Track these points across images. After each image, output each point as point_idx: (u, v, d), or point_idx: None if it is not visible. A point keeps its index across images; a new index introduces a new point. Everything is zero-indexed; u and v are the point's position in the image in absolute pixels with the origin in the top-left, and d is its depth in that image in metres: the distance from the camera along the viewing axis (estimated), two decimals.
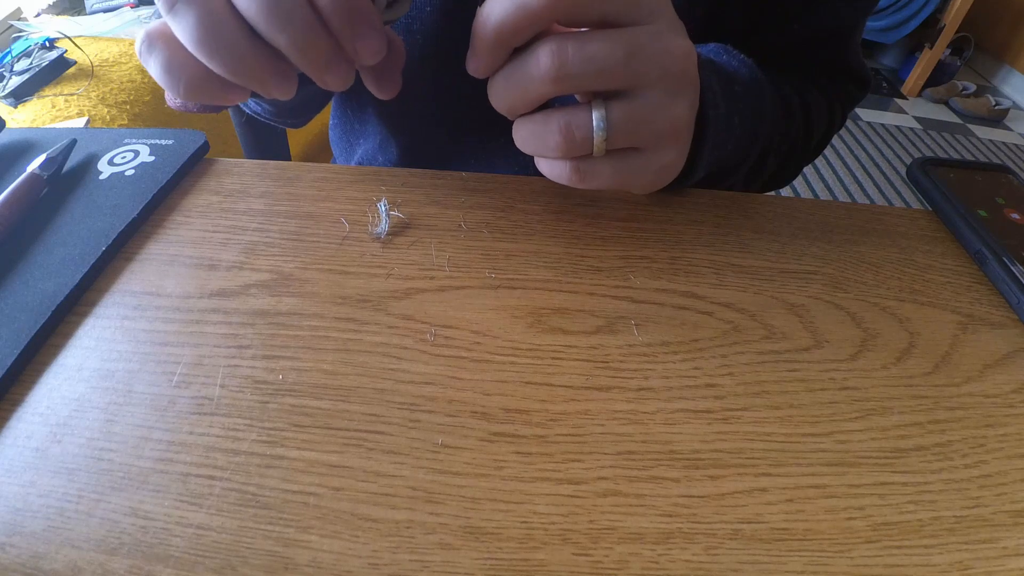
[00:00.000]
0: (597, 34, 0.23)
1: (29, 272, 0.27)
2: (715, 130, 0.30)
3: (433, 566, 0.19)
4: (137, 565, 0.19)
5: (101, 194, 0.31)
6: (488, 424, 0.23)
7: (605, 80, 0.24)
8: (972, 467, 0.23)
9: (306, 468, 0.21)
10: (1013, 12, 2.55)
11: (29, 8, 1.31)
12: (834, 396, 0.25)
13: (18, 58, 1.05)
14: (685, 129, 0.27)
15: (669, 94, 0.25)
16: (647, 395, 0.24)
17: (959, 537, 0.21)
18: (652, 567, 0.20)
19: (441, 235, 0.31)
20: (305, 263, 0.29)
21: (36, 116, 0.98)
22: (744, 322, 0.28)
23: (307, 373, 0.24)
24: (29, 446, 0.22)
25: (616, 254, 0.30)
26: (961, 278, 0.31)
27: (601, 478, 0.22)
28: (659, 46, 0.24)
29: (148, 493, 0.20)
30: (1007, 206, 0.34)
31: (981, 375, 0.26)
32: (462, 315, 0.27)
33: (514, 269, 0.29)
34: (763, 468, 0.22)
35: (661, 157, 0.27)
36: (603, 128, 0.24)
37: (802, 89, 0.42)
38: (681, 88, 0.25)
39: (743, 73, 0.32)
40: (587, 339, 0.26)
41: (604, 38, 0.23)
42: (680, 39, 0.25)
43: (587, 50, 0.23)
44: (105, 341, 0.25)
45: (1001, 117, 2.35)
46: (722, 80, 0.30)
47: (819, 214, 0.34)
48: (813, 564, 0.20)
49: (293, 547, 0.19)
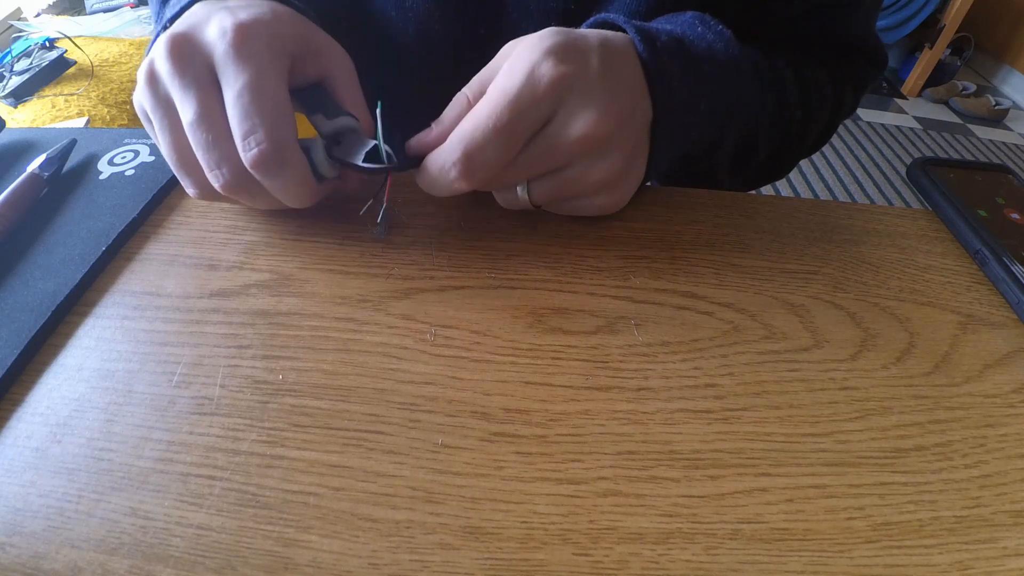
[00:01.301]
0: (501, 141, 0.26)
1: (29, 272, 0.27)
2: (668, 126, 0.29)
3: (433, 566, 0.19)
4: (137, 565, 0.19)
5: (101, 194, 0.31)
6: (488, 424, 0.23)
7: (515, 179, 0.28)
8: (972, 467, 0.23)
9: (306, 468, 0.21)
10: (1013, 12, 2.55)
11: (29, 8, 1.31)
12: (834, 396, 0.25)
13: (18, 58, 1.05)
14: (614, 179, 0.28)
15: (589, 163, 0.27)
16: (647, 395, 0.24)
17: (959, 537, 0.21)
18: (652, 567, 0.20)
19: (441, 235, 0.31)
20: (305, 263, 0.29)
21: (36, 116, 0.98)
22: (744, 322, 0.28)
23: (307, 373, 0.24)
24: (29, 446, 0.22)
25: (616, 254, 0.30)
26: (961, 278, 0.31)
27: (601, 478, 0.22)
28: (564, 136, 0.26)
29: (148, 493, 0.20)
30: (1007, 206, 0.34)
31: (981, 375, 0.26)
32: (462, 315, 0.27)
33: (514, 269, 0.29)
34: (763, 468, 0.22)
35: (597, 201, 0.30)
36: (527, 200, 0.29)
37: (804, 67, 0.39)
38: (604, 150, 0.27)
39: (717, 48, 0.30)
40: (587, 339, 0.26)
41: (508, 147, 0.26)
42: (590, 111, 0.26)
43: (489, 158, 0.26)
44: (105, 341, 0.25)
45: (1001, 117, 2.35)
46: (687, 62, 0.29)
47: (819, 214, 0.34)
48: (813, 564, 0.20)
49: (293, 547, 0.19)
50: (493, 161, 0.26)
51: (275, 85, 0.25)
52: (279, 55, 0.26)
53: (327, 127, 0.28)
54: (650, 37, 0.28)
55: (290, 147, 0.25)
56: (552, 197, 0.29)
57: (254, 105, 0.24)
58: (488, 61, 0.37)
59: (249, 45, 0.25)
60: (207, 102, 0.25)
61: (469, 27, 0.39)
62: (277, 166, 0.25)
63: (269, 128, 0.24)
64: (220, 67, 0.25)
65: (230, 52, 0.25)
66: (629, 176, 0.30)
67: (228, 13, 0.26)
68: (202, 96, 0.25)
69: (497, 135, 0.25)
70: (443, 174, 0.26)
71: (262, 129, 0.24)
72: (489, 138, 0.25)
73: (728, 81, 0.31)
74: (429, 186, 0.27)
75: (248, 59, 0.25)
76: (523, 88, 0.25)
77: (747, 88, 0.33)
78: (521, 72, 0.25)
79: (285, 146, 0.25)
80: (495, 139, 0.25)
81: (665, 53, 0.28)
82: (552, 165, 0.27)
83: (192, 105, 0.25)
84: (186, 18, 0.27)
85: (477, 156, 0.25)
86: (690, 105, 0.29)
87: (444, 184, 0.26)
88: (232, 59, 0.25)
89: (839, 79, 0.42)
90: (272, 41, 0.26)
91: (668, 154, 0.31)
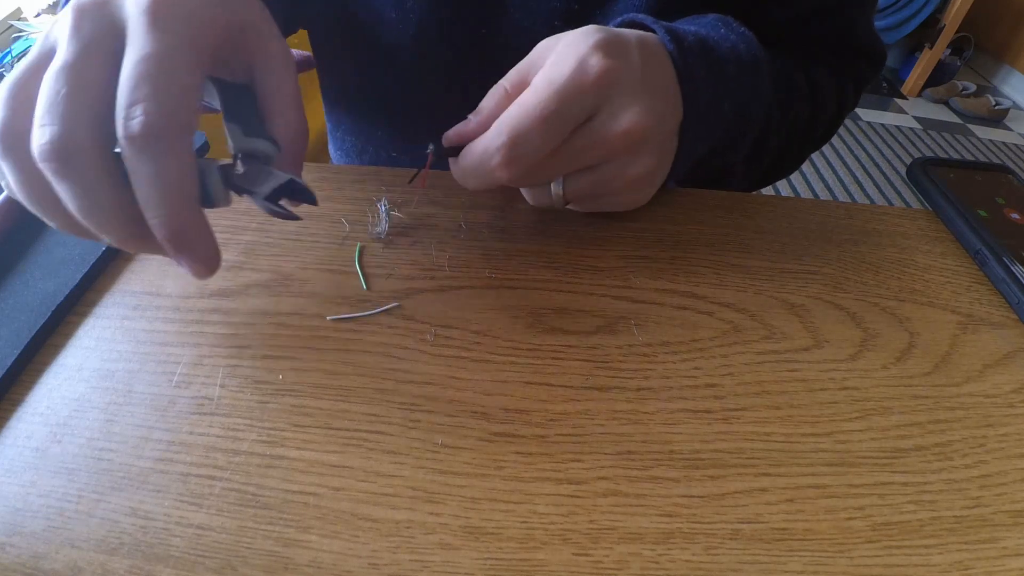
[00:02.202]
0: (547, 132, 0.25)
1: (29, 272, 0.27)
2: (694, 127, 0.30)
3: (433, 566, 0.19)
4: (137, 565, 0.19)
5: None
6: (488, 424, 0.23)
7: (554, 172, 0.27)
8: (972, 467, 0.23)
9: (306, 468, 0.21)
10: (1013, 12, 2.55)
11: (29, 8, 1.31)
12: (834, 396, 0.25)
13: (18, 58, 1.05)
14: (648, 176, 0.29)
15: (627, 160, 0.28)
16: (647, 395, 0.24)
17: (959, 537, 0.21)
18: (652, 567, 0.20)
19: (441, 235, 0.31)
20: (305, 263, 0.29)
21: None
22: (744, 322, 0.28)
23: (307, 373, 0.24)
24: (29, 446, 0.22)
25: (616, 254, 0.30)
26: (961, 278, 0.31)
27: (601, 478, 0.22)
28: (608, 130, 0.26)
29: (148, 493, 0.20)
30: (1007, 206, 0.34)
31: (981, 375, 0.26)
32: (462, 315, 0.27)
33: (514, 269, 0.29)
34: (763, 468, 0.22)
35: (625, 198, 0.30)
36: (560, 196, 0.29)
37: (807, 66, 0.40)
38: (642, 147, 0.27)
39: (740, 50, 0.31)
40: (587, 339, 0.26)
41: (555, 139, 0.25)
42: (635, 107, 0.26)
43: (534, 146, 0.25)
44: (105, 341, 0.25)
45: (1001, 117, 2.35)
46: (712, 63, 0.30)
47: (819, 214, 0.34)
48: (813, 564, 0.20)
49: (293, 547, 0.19)
50: (537, 149, 0.25)
51: (186, 65, 0.21)
52: (202, 34, 0.22)
53: (240, 143, 0.24)
54: (678, 38, 0.28)
55: (183, 129, 0.20)
56: (586, 194, 0.29)
57: (154, 76, 0.20)
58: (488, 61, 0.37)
59: (167, 17, 0.21)
60: (88, 57, 0.20)
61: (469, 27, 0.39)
62: (160, 143, 0.19)
63: (164, 101, 0.20)
64: (129, 33, 0.21)
65: (142, 19, 0.21)
66: (658, 175, 0.30)
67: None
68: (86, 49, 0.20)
69: (544, 123, 0.24)
70: (485, 160, 0.25)
71: (154, 101, 0.19)
72: (536, 125, 0.24)
73: (749, 82, 0.31)
74: (467, 174, 0.27)
75: (162, 31, 0.21)
76: (572, 78, 0.25)
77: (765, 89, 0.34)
78: (569, 64, 0.25)
79: (178, 126, 0.20)
80: (541, 127, 0.25)
81: (691, 54, 0.29)
82: (591, 160, 0.27)
83: (68, 53, 0.20)
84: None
85: (522, 143, 0.25)
86: (714, 106, 0.30)
87: (484, 172, 0.26)
88: (143, 26, 0.21)
89: (841, 78, 0.42)
90: (195, 17, 0.22)
91: (692, 155, 0.31)
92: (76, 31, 0.21)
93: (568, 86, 0.25)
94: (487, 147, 0.25)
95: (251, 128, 0.24)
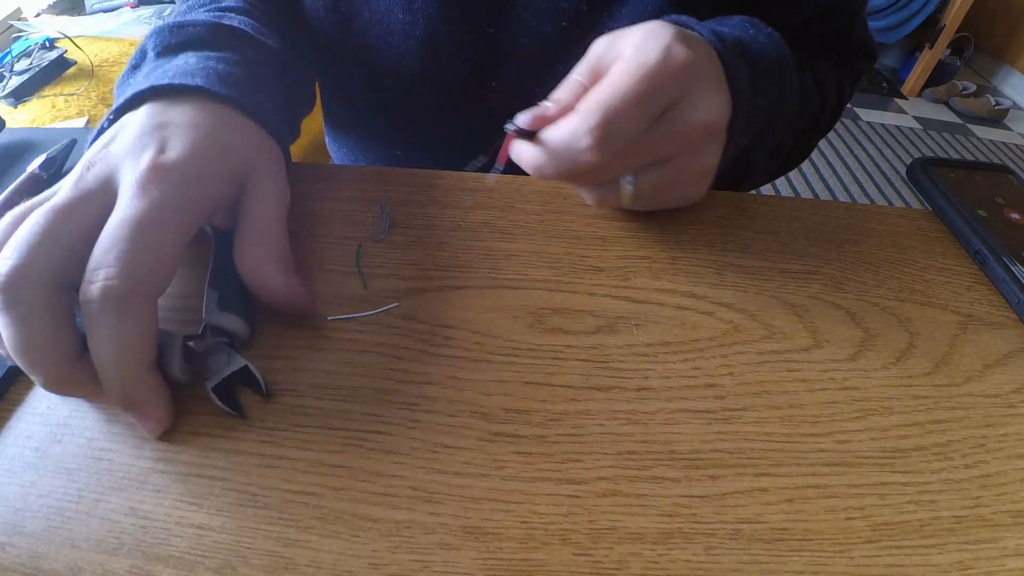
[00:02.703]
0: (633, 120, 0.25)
1: None
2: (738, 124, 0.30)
3: (433, 566, 0.19)
4: (137, 565, 0.19)
5: None
6: (488, 424, 0.23)
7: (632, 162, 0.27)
8: (972, 467, 0.23)
9: (306, 468, 0.21)
10: (1013, 12, 2.55)
11: (29, 8, 1.31)
12: (834, 396, 0.25)
13: (18, 58, 1.05)
14: (712, 170, 0.30)
15: (699, 152, 0.28)
16: (647, 395, 0.24)
17: (959, 537, 0.21)
18: (652, 567, 0.20)
19: (441, 235, 0.31)
20: (305, 263, 0.29)
21: (36, 116, 0.98)
22: (744, 322, 0.28)
23: (307, 373, 0.24)
24: (29, 446, 0.22)
25: (616, 254, 0.30)
26: (961, 278, 0.31)
27: (601, 478, 0.22)
28: (691, 120, 0.26)
29: (148, 493, 0.20)
30: (1007, 206, 0.34)
31: (981, 375, 0.26)
32: (462, 315, 0.27)
33: (514, 269, 0.29)
34: (763, 468, 0.22)
35: (687, 192, 0.31)
36: (630, 192, 0.28)
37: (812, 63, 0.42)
38: (710, 143, 0.28)
39: (770, 50, 0.32)
40: (587, 339, 0.26)
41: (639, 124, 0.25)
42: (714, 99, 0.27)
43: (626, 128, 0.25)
44: None
45: (1001, 117, 2.35)
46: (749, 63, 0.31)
47: (819, 214, 0.34)
48: (813, 564, 0.20)
49: (293, 547, 0.19)
50: (629, 132, 0.25)
51: (172, 227, 0.21)
52: (199, 192, 0.23)
53: (210, 314, 0.23)
54: (720, 37, 0.29)
55: (146, 297, 0.20)
56: (656, 187, 0.29)
57: (128, 241, 0.20)
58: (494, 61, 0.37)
59: (163, 179, 0.22)
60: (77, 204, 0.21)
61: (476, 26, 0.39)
62: (118, 309, 0.19)
63: (132, 269, 0.20)
64: (120, 191, 0.22)
65: (137, 179, 0.22)
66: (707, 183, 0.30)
67: (155, 143, 0.23)
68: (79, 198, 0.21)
69: (636, 104, 0.24)
70: (573, 143, 0.25)
71: (121, 267, 0.20)
72: (629, 106, 0.24)
73: (778, 81, 0.32)
74: (549, 159, 0.26)
75: (153, 193, 0.21)
76: (660, 63, 0.25)
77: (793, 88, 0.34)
78: (656, 50, 0.25)
79: (141, 294, 0.20)
80: (634, 108, 0.24)
81: (732, 54, 0.29)
82: (671, 150, 0.27)
83: (60, 197, 0.21)
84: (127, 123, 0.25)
85: (615, 124, 0.24)
86: (753, 103, 0.30)
87: (571, 155, 0.25)
88: (134, 187, 0.21)
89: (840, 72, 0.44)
90: (192, 176, 0.23)
91: (734, 151, 0.32)
92: (78, 180, 0.22)
93: (659, 70, 0.25)
94: (576, 129, 0.25)
95: (228, 298, 0.24)
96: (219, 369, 0.22)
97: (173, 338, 0.22)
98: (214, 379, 0.22)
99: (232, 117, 0.26)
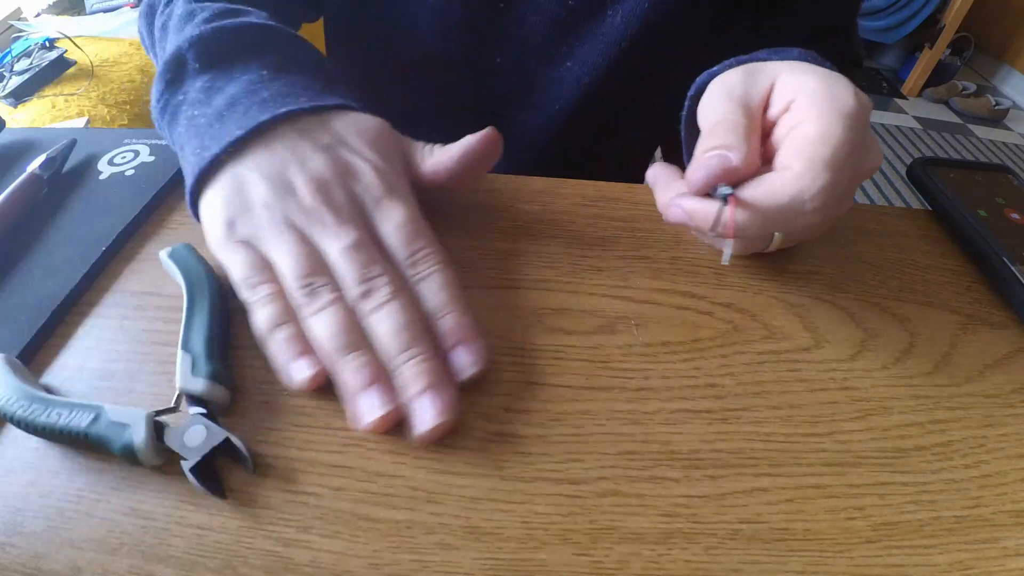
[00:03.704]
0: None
1: (29, 272, 0.27)
2: None
3: (433, 566, 0.19)
4: (137, 565, 0.19)
5: (101, 194, 0.31)
6: (488, 424, 0.23)
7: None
8: (972, 467, 0.23)
9: (306, 468, 0.21)
10: (1013, 12, 2.55)
11: (29, 8, 1.31)
12: (834, 396, 0.25)
13: (18, 58, 1.05)
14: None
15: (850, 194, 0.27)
16: (647, 395, 0.24)
17: (959, 537, 0.21)
18: (652, 567, 0.20)
19: (441, 235, 0.31)
20: None
21: (36, 116, 0.98)
22: (744, 322, 0.28)
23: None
24: (29, 446, 0.22)
25: (616, 254, 0.30)
26: (961, 278, 0.31)
27: (601, 478, 0.22)
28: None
29: (148, 493, 0.20)
30: (1007, 206, 0.34)
31: (981, 375, 0.26)
32: None
33: (514, 269, 0.29)
34: (763, 468, 0.22)
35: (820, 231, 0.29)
36: (779, 243, 0.28)
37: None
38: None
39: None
40: (587, 339, 0.26)
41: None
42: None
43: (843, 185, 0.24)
44: (105, 341, 0.25)
45: (1001, 117, 2.35)
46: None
47: None
48: (813, 564, 0.20)
49: (293, 547, 0.19)
50: (845, 183, 0.24)
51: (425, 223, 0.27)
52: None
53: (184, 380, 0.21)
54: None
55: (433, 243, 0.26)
56: (804, 231, 0.27)
57: (419, 233, 0.26)
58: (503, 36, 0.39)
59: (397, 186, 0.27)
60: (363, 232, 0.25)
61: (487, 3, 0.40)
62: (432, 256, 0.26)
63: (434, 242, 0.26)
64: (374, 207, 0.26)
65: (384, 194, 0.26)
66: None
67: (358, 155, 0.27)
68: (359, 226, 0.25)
69: (850, 155, 0.24)
70: (797, 205, 0.24)
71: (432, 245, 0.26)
72: (847, 160, 0.24)
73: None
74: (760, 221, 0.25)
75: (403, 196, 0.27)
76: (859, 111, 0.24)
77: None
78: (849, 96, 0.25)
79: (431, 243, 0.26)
80: (850, 159, 0.24)
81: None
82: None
83: (350, 233, 0.25)
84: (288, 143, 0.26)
85: (840, 179, 0.24)
86: None
87: (791, 216, 0.24)
88: (386, 196, 0.26)
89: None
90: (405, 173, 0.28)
91: None
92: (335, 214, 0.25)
93: (859, 119, 0.24)
94: (802, 190, 0.24)
95: (201, 361, 0.22)
96: (197, 446, 0.20)
97: (139, 417, 0.20)
98: (192, 458, 0.20)
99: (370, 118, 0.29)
